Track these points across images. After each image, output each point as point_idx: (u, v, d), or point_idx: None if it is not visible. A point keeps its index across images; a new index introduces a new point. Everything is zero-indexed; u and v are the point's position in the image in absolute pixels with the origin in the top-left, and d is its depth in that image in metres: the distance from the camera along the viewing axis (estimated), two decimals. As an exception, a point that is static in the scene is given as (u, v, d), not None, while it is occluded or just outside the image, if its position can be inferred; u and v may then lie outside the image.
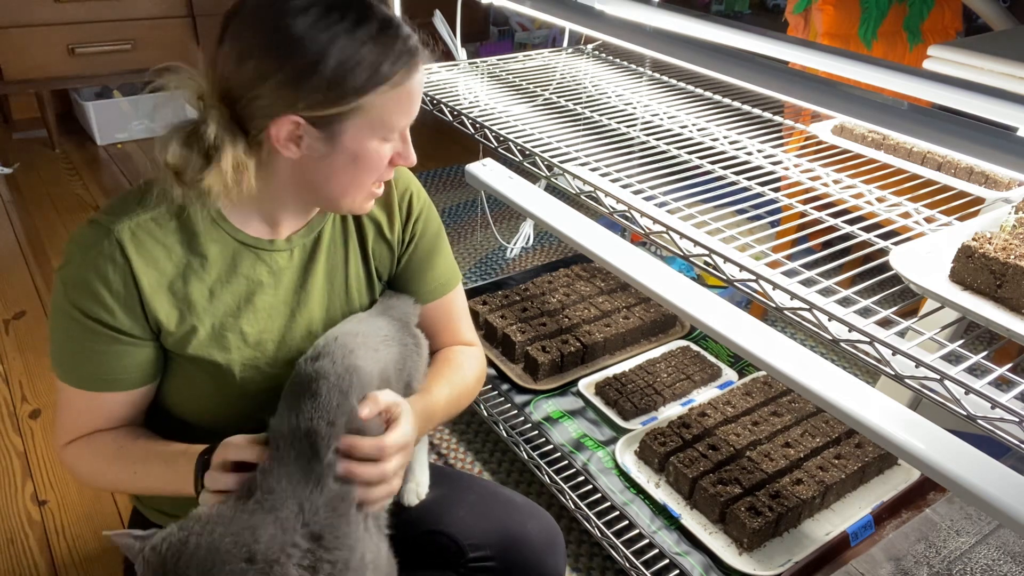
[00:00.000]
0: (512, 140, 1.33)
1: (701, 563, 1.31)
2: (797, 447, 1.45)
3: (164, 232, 0.84)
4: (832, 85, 0.90)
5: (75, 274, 0.81)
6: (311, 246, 0.93)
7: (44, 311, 2.24)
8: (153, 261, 0.83)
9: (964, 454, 0.88)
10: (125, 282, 0.81)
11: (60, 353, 0.85)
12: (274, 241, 0.89)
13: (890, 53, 1.88)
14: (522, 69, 1.79)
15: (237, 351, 0.88)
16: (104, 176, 3.06)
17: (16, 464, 1.72)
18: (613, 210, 1.14)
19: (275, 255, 0.90)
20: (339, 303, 0.96)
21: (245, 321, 0.88)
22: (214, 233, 0.86)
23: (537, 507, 1.04)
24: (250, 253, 0.88)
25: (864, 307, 0.86)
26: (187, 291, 0.85)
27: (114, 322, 0.82)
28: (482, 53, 2.59)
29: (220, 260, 0.86)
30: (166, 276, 0.84)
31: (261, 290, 0.89)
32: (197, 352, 0.86)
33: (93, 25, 3.01)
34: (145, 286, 0.82)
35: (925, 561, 1.14)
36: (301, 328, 0.92)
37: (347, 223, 0.96)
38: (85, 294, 0.81)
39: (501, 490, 1.07)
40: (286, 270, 0.91)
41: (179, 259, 0.84)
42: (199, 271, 0.85)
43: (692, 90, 1.62)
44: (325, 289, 0.94)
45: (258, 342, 0.89)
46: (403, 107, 0.81)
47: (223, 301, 0.87)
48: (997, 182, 1.13)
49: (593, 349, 1.77)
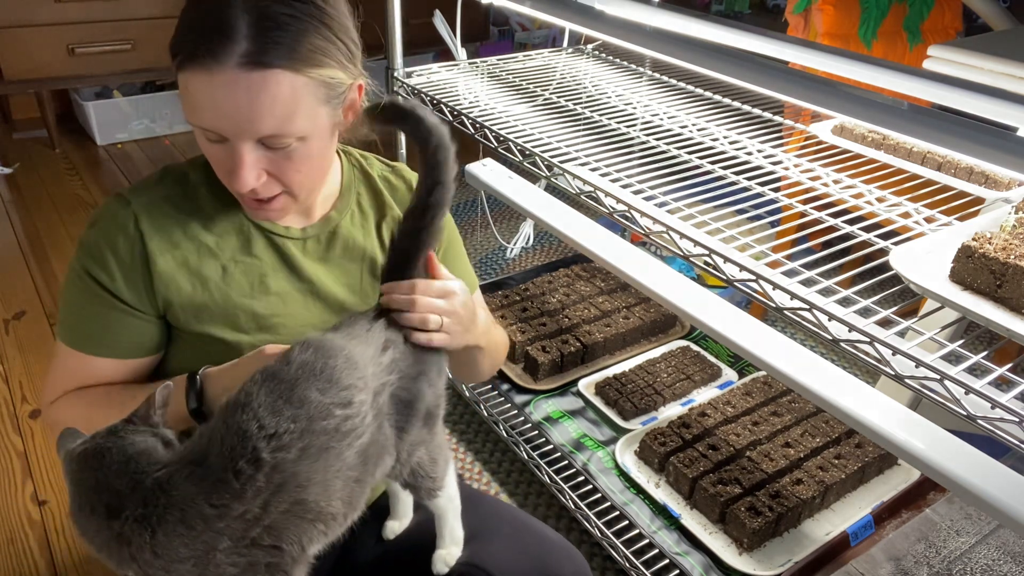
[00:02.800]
0: (512, 140, 1.33)
1: (701, 563, 1.31)
2: (797, 447, 1.45)
3: (180, 211, 0.86)
4: (832, 85, 0.90)
5: (89, 237, 0.84)
6: (326, 239, 0.93)
7: (44, 311, 2.24)
8: (167, 235, 0.84)
9: (964, 454, 0.88)
10: (133, 252, 0.83)
11: (64, 312, 0.88)
12: (289, 228, 0.91)
13: (890, 53, 1.88)
14: (522, 69, 1.79)
15: (248, 331, 0.88)
16: (104, 176, 3.06)
17: (16, 464, 1.72)
18: (613, 210, 1.14)
19: (288, 243, 0.90)
20: (355, 298, 0.96)
21: (258, 303, 0.89)
22: (229, 215, 0.88)
23: (570, 546, 1.02)
24: (263, 237, 0.89)
25: (864, 307, 0.86)
26: (200, 266, 0.86)
27: (114, 288, 0.84)
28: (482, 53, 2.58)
29: (235, 240, 0.88)
30: (179, 250, 0.85)
31: (275, 274, 0.90)
32: (207, 328, 0.86)
33: (93, 25, 3.01)
34: (157, 258, 0.84)
35: (925, 561, 1.14)
36: (314, 317, 0.93)
37: (367, 221, 0.97)
38: (93, 257, 0.84)
39: (532, 522, 1.03)
40: (300, 259, 0.91)
41: (194, 236, 0.86)
42: (213, 248, 0.87)
43: (692, 90, 1.62)
44: (341, 283, 0.95)
45: (271, 326, 0.89)
46: (186, 101, 0.76)
47: (236, 280, 0.88)
48: (997, 182, 1.13)
49: (593, 349, 1.77)
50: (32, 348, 2.08)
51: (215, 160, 0.81)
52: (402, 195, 1.00)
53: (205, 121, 0.75)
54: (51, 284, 2.36)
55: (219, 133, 0.76)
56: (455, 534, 0.92)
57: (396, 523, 0.98)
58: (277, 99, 0.74)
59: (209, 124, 0.75)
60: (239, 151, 0.76)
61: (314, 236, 0.92)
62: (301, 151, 0.79)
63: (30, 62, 2.95)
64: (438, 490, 0.87)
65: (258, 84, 0.72)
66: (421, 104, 0.85)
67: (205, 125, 0.76)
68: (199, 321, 0.86)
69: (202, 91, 0.73)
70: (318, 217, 0.93)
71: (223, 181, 0.83)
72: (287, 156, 0.79)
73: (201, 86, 0.73)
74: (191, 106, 0.75)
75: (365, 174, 0.99)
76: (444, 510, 0.90)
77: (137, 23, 3.09)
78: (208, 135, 0.77)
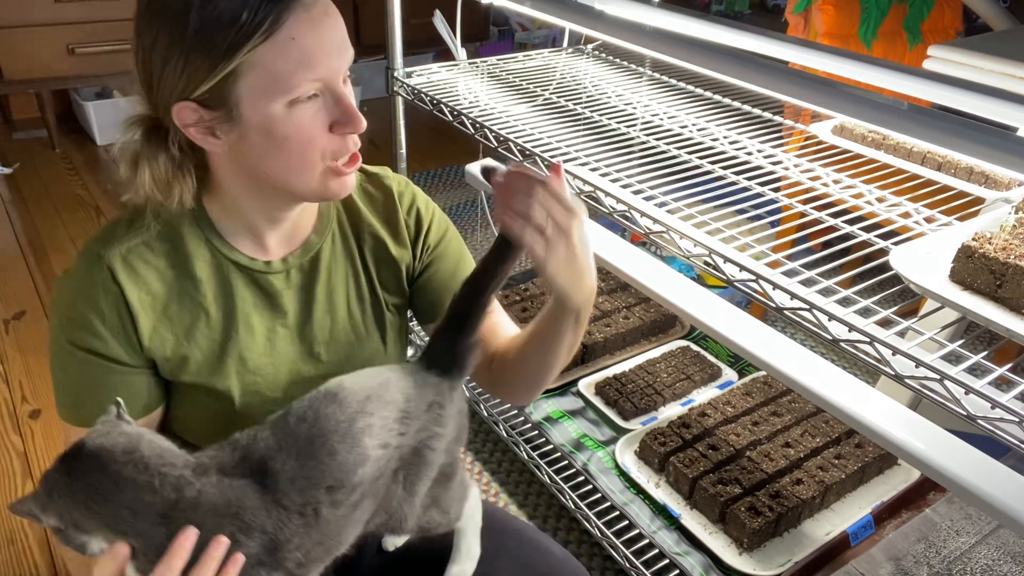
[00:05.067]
0: (512, 140, 1.33)
1: (701, 563, 1.31)
2: (797, 447, 1.45)
3: (156, 256, 0.81)
4: (832, 85, 0.90)
5: (67, 306, 0.79)
6: (308, 267, 0.88)
7: (44, 311, 2.24)
8: (145, 285, 0.80)
9: (964, 454, 0.89)
10: (118, 310, 0.79)
11: (60, 392, 0.83)
12: (270, 263, 0.85)
13: (890, 53, 1.88)
14: (522, 69, 1.79)
15: (237, 376, 0.84)
16: (104, 176, 3.06)
17: (16, 464, 1.72)
18: (613, 210, 1.14)
19: (270, 278, 0.85)
20: (343, 327, 0.91)
21: (244, 345, 0.84)
22: (207, 255, 0.83)
23: (574, 561, 1.00)
24: (244, 275, 0.84)
25: (864, 307, 0.86)
26: (181, 315, 0.82)
27: (107, 351, 0.79)
28: (482, 53, 2.58)
29: (214, 283, 0.83)
30: (159, 300, 0.81)
31: (258, 313, 0.85)
32: (195, 379, 0.83)
33: (93, 25, 3.01)
34: (139, 312, 0.79)
35: (925, 561, 1.14)
36: (303, 352, 0.88)
37: (348, 241, 0.91)
38: (77, 326, 0.79)
39: (537, 537, 1.00)
40: (283, 293, 0.87)
41: (171, 282, 0.81)
42: (193, 294, 0.82)
43: (692, 90, 1.62)
44: (327, 312, 0.89)
45: (258, 367, 0.85)
46: (290, 56, 0.70)
47: (219, 324, 0.83)
48: (997, 182, 1.13)
49: (593, 349, 1.77)
50: (32, 348, 2.08)
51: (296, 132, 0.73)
52: (380, 207, 0.93)
53: (309, 63, 0.70)
54: (51, 284, 2.36)
55: (329, 79, 0.72)
56: (471, 551, 0.89)
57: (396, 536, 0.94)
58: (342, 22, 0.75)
59: (324, 70, 0.71)
60: (343, 92, 0.74)
61: (296, 265, 0.87)
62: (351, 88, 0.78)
63: (30, 62, 2.95)
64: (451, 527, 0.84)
65: (333, 9, 0.73)
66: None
67: (311, 71, 0.71)
68: (185, 372, 0.82)
69: (310, 35, 0.70)
70: (299, 243, 0.87)
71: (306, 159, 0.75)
72: (351, 92, 0.77)
73: (308, 30, 0.70)
74: (289, 61, 0.70)
75: None
76: (464, 527, 0.87)
77: (137, 23, 3.09)
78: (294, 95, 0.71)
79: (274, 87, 0.70)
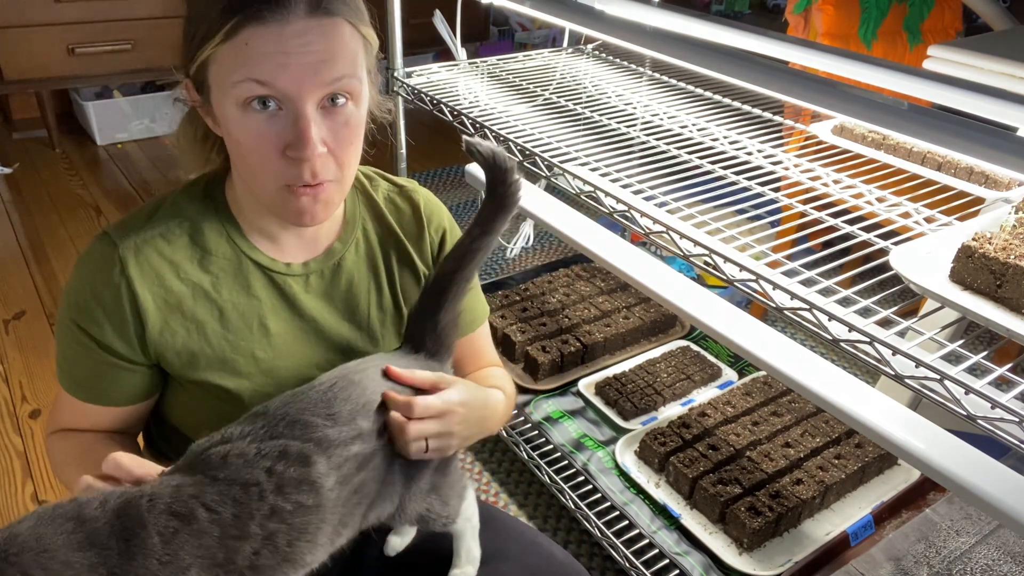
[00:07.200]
0: (512, 140, 1.33)
1: (701, 563, 1.31)
2: (797, 447, 1.45)
3: (173, 248, 0.81)
4: (832, 85, 0.90)
5: (74, 286, 0.81)
6: (330, 274, 0.88)
7: (44, 311, 2.24)
8: (158, 279, 0.80)
9: (964, 454, 0.89)
10: (120, 301, 0.79)
11: (60, 357, 0.85)
12: (290, 265, 0.86)
13: (890, 53, 1.88)
14: (522, 69, 1.80)
15: (248, 377, 0.84)
16: (104, 176, 3.06)
17: (16, 464, 1.72)
18: (613, 210, 1.14)
19: (289, 280, 0.86)
20: (360, 334, 0.90)
21: (258, 346, 0.84)
22: (227, 251, 0.83)
23: (579, 567, 0.99)
24: (263, 275, 0.85)
25: (864, 307, 0.86)
26: (195, 310, 0.81)
27: (104, 340, 0.80)
28: (482, 53, 2.58)
29: (232, 280, 0.83)
30: (173, 294, 0.81)
31: (275, 315, 0.85)
32: (205, 376, 0.82)
33: (93, 25, 3.01)
34: (147, 304, 0.79)
35: (925, 561, 1.14)
36: (317, 357, 0.88)
37: (372, 250, 0.91)
38: (79, 308, 0.80)
39: (540, 540, 1.00)
40: (302, 297, 0.86)
41: (188, 277, 0.81)
42: (209, 290, 0.82)
43: (692, 90, 1.62)
44: (345, 319, 0.89)
45: (271, 369, 0.85)
46: (239, 56, 0.70)
47: (234, 323, 0.83)
48: (997, 182, 1.13)
49: (593, 349, 1.77)
50: (32, 348, 2.08)
51: (248, 142, 0.73)
52: (408, 220, 0.94)
53: (277, 81, 0.70)
54: (51, 284, 2.36)
55: (284, 94, 0.71)
56: (472, 554, 0.89)
57: (398, 539, 0.93)
58: (346, 45, 0.73)
59: (281, 84, 0.70)
60: (304, 112, 0.72)
61: (317, 271, 0.87)
62: (355, 117, 0.76)
63: (30, 62, 2.95)
64: (451, 523, 0.85)
65: (328, 28, 0.72)
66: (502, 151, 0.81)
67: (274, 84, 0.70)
68: (195, 368, 0.82)
69: (271, 44, 0.69)
70: (322, 249, 0.88)
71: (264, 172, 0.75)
72: (345, 122, 0.75)
73: (271, 39, 0.69)
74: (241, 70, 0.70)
75: (369, 198, 0.93)
76: (461, 530, 0.87)
77: (137, 23, 3.09)
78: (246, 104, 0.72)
79: (225, 82, 0.72)
